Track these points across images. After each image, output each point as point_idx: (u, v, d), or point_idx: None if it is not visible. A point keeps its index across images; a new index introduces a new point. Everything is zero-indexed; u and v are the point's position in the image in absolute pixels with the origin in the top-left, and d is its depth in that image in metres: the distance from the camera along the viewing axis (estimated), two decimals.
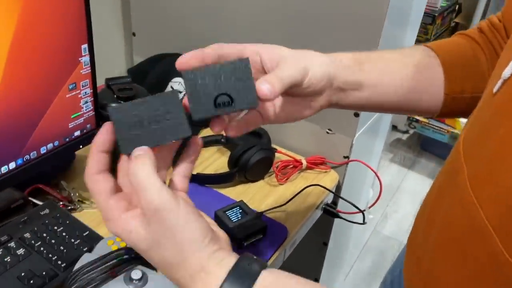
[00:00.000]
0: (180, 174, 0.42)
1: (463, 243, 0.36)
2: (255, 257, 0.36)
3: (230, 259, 0.36)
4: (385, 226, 1.86)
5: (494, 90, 0.35)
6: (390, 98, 0.50)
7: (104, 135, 0.37)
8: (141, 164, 0.35)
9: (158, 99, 0.38)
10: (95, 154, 0.38)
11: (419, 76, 0.50)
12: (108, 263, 0.57)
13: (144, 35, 1.07)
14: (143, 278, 0.57)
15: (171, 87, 0.93)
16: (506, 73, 0.34)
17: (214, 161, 0.90)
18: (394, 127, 2.46)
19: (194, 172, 0.81)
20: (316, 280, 1.04)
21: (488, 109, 0.37)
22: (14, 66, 0.53)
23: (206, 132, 0.98)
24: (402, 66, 0.51)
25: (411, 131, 2.46)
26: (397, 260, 0.56)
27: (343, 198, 0.81)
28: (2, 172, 0.57)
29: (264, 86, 0.39)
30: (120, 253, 0.59)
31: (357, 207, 0.77)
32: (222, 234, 0.40)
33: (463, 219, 0.36)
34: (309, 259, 1.01)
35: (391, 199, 2.00)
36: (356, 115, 0.82)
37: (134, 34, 1.08)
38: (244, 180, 0.83)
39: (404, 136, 2.50)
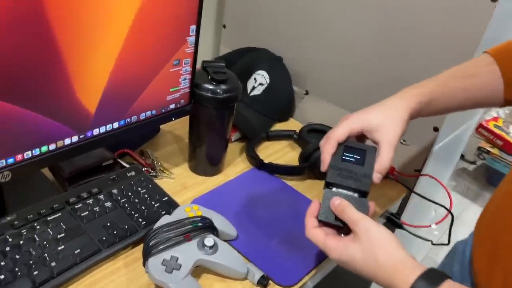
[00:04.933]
0: None
1: None
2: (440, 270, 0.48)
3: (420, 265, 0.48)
4: (438, 254, 1.80)
5: None
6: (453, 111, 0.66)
7: (314, 207, 0.56)
8: (347, 207, 0.53)
9: (363, 153, 0.58)
10: (309, 218, 0.56)
11: (478, 97, 0.63)
12: (184, 227, 0.62)
13: (233, 28, 1.13)
14: (214, 246, 0.61)
15: (254, 78, 0.97)
16: None
17: (284, 154, 0.93)
18: (462, 156, 2.36)
19: (266, 161, 0.85)
20: None
21: None
22: (133, 38, 0.59)
23: (279, 126, 1.02)
24: (465, 96, 0.62)
25: (479, 163, 2.36)
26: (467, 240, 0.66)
27: (418, 194, 0.81)
28: (107, 130, 0.64)
29: (377, 177, 0.57)
30: (195, 220, 0.63)
31: (431, 200, 0.76)
32: None
33: None
34: None
35: (447, 229, 1.93)
36: (436, 129, 0.82)
37: (224, 26, 1.14)
38: (312, 176, 0.85)
39: (471, 167, 2.40)
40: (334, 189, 0.56)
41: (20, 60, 0.49)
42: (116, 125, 0.65)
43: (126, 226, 0.64)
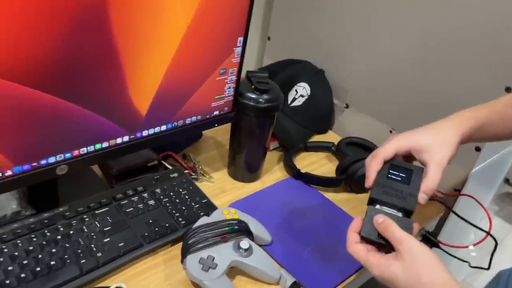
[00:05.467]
0: None
1: None
2: None
3: None
4: (476, 279, 1.72)
5: None
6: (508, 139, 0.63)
7: (357, 222, 0.55)
8: (391, 225, 0.52)
9: (409, 174, 0.57)
10: (351, 233, 0.55)
11: None
12: (221, 229, 0.64)
13: (278, 40, 1.16)
14: (249, 249, 0.63)
15: (296, 90, 1.00)
16: None
17: (321, 166, 0.94)
18: (506, 180, 2.27)
19: (303, 171, 0.87)
20: None
21: None
22: (186, 45, 0.63)
23: (318, 138, 1.03)
24: None
25: None
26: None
27: (456, 214, 0.80)
28: (155, 132, 0.68)
29: (422, 198, 0.55)
30: (232, 223, 0.66)
31: (470, 223, 0.74)
32: None
33: None
34: None
35: (488, 254, 1.85)
36: (478, 149, 0.81)
37: (269, 38, 1.17)
38: (348, 189, 0.86)
39: None
40: (377, 206, 0.56)
41: (81, 59, 0.53)
42: (164, 127, 0.69)
43: (167, 224, 0.68)
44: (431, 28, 0.83)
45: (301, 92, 0.99)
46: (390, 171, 0.58)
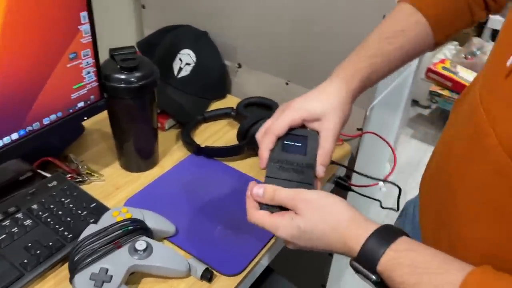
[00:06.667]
0: None
1: (501, 205, 0.39)
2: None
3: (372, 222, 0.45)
4: (404, 203, 1.82)
5: (508, 63, 0.39)
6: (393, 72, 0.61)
7: (258, 189, 0.50)
8: (275, 190, 0.49)
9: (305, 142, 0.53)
10: (249, 200, 0.51)
11: (413, 50, 0.59)
12: (113, 234, 0.57)
13: (153, 7, 1.05)
14: (148, 249, 0.57)
15: (180, 59, 0.91)
16: None
17: (224, 134, 0.88)
18: (416, 102, 2.39)
19: (203, 145, 0.80)
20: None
21: (504, 80, 0.39)
22: (9, 33, 0.51)
23: (218, 104, 0.96)
24: (401, 54, 0.58)
25: (433, 106, 2.39)
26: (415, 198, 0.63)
27: (354, 170, 0.79)
28: (5, 142, 0.57)
29: (321, 170, 0.53)
30: (125, 224, 0.59)
31: (370, 177, 0.74)
32: None
33: (499, 181, 0.39)
34: None
35: (411, 175, 1.96)
36: None
37: (143, 7, 1.06)
38: (253, 153, 0.81)
39: (426, 112, 2.43)
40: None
41: None
42: (15, 136, 0.58)
43: (51, 243, 0.59)
44: None
45: (186, 60, 0.91)
46: (285, 142, 0.54)
